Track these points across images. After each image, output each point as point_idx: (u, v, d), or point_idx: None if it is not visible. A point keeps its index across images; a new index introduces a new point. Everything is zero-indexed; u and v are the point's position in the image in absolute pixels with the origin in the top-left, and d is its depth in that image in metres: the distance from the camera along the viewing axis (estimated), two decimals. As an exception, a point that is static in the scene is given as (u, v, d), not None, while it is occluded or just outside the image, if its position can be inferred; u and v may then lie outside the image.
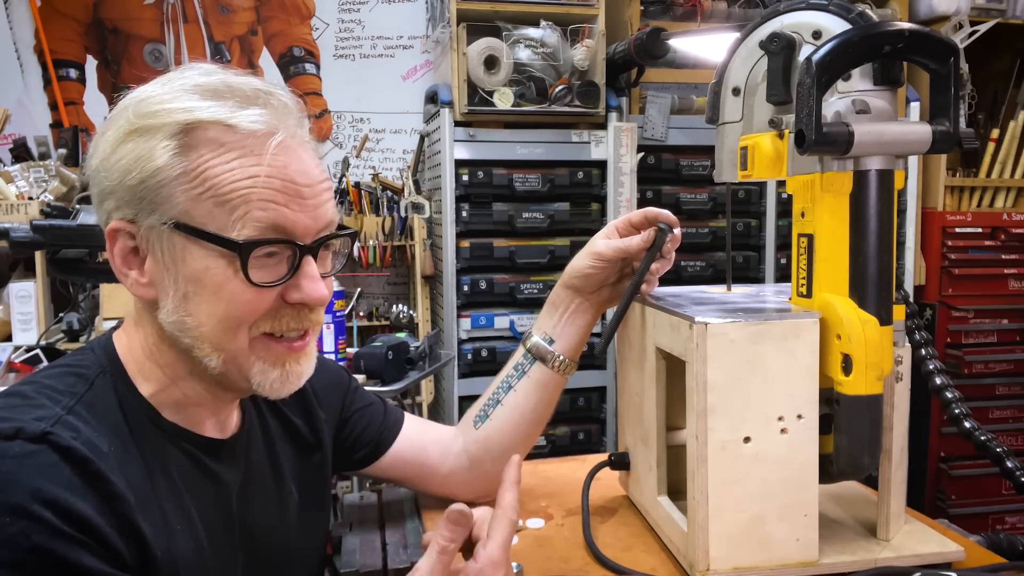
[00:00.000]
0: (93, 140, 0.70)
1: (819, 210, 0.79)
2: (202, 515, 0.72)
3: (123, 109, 0.68)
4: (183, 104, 0.66)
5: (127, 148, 0.66)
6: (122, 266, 0.69)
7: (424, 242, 2.60)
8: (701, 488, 0.79)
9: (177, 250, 0.66)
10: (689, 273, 2.56)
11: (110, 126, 0.68)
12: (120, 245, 0.68)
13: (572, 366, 1.01)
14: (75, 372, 0.69)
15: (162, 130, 0.65)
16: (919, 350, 1.07)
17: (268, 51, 2.97)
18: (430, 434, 1.04)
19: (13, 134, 2.63)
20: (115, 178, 0.66)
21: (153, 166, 0.65)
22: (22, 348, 2.14)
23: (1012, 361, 2.72)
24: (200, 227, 0.65)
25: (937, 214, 2.73)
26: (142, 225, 0.66)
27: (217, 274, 0.66)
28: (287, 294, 0.69)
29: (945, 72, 0.77)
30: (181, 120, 0.65)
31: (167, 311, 0.67)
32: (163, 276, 0.67)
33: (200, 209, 0.65)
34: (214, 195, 0.64)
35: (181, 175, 0.65)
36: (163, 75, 0.70)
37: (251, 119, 0.66)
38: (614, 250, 0.97)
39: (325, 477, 0.93)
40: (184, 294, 0.67)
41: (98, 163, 0.68)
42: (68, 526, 0.57)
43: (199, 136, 0.65)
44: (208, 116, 0.65)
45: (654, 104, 2.52)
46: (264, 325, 0.69)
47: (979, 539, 0.96)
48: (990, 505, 2.75)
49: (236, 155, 0.65)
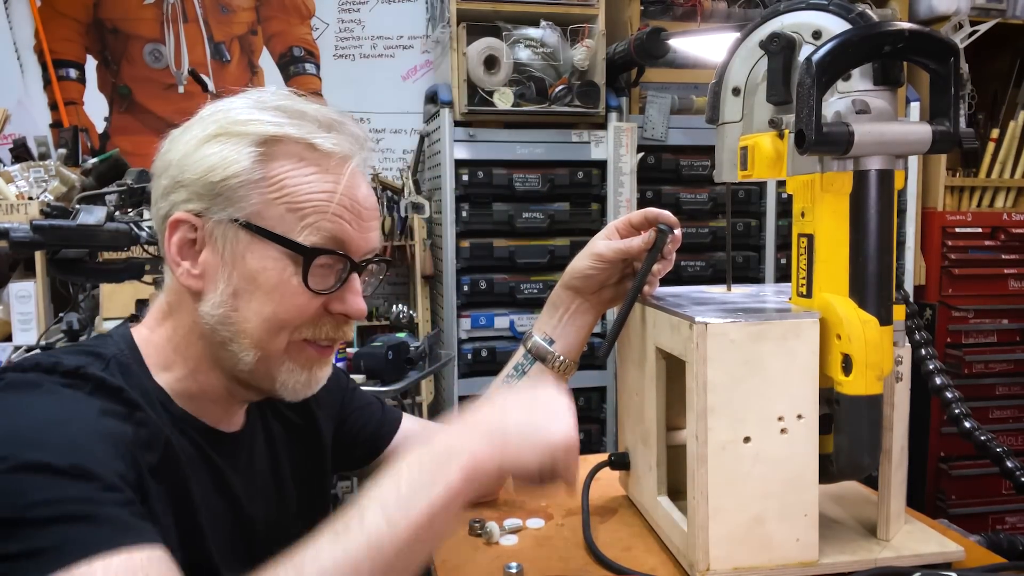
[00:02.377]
0: (171, 136, 0.74)
1: (819, 210, 0.79)
2: (204, 501, 0.73)
3: (211, 114, 0.74)
4: (271, 119, 0.72)
5: (214, 148, 0.71)
6: (177, 255, 0.72)
7: (424, 242, 2.60)
8: (701, 488, 0.79)
9: (240, 247, 0.70)
10: (689, 273, 2.56)
11: (194, 126, 0.73)
12: (180, 235, 0.72)
13: (572, 367, 1.01)
14: (92, 351, 0.71)
15: (249, 137, 0.71)
16: (919, 350, 1.07)
17: (268, 51, 2.97)
18: (428, 433, 1.05)
19: (13, 134, 2.63)
20: (196, 173, 0.71)
21: (237, 167, 0.70)
22: (22, 348, 2.14)
23: (1012, 361, 2.73)
24: (269, 228, 0.70)
25: (937, 214, 2.73)
26: (210, 219, 0.71)
27: (273, 275, 0.71)
28: (331, 304, 0.74)
29: (945, 72, 0.76)
30: (268, 132, 0.71)
31: (213, 303, 0.71)
32: (217, 270, 0.71)
33: (272, 212, 0.70)
34: (288, 202, 0.70)
35: (260, 179, 0.70)
36: (247, 90, 0.77)
37: (332, 142, 0.73)
38: (615, 251, 0.97)
39: (324, 476, 0.94)
40: (235, 290, 0.71)
41: (180, 157, 0.72)
42: (104, 430, 0.62)
43: (281, 149, 0.71)
44: (294, 133, 0.72)
45: (654, 104, 2.52)
46: (305, 331, 0.74)
47: (979, 539, 0.96)
48: (990, 505, 2.75)
49: (314, 171, 0.72)
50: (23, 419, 0.61)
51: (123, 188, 1.58)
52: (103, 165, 2.43)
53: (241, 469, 0.80)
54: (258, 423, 0.86)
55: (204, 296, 0.72)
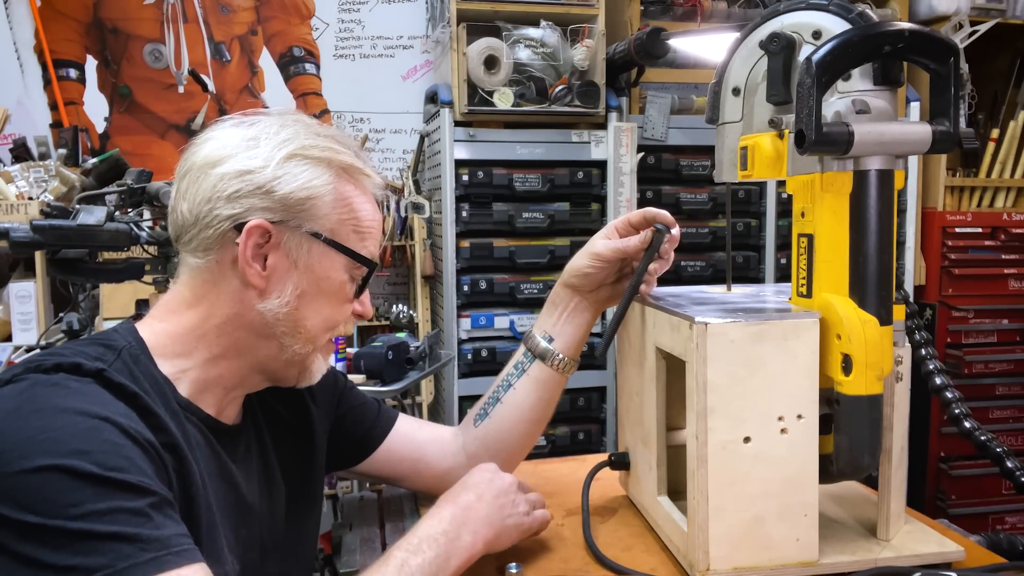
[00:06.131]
0: (235, 141, 0.79)
1: (819, 210, 0.80)
2: (211, 487, 0.76)
3: (275, 131, 0.80)
4: (337, 147, 0.82)
5: (299, 167, 0.78)
6: (251, 257, 0.78)
7: (424, 242, 2.60)
8: (701, 488, 0.79)
9: (312, 256, 0.80)
10: (689, 273, 2.56)
11: (264, 140, 0.79)
12: (255, 240, 0.77)
13: (572, 365, 1.02)
14: (104, 343, 0.75)
15: (332, 163, 0.80)
16: (919, 350, 1.07)
17: (268, 51, 2.97)
18: (425, 432, 1.06)
19: (13, 134, 2.62)
20: (286, 187, 0.78)
21: (322, 190, 0.79)
22: (22, 348, 2.14)
23: (1012, 361, 2.72)
24: (342, 243, 0.81)
25: (937, 214, 2.73)
26: (287, 228, 0.78)
27: (334, 283, 0.81)
28: (354, 307, 0.86)
29: (945, 72, 0.76)
30: (346, 162, 0.81)
31: (279, 302, 0.79)
32: (285, 273, 0.79)
33: (342, 230, 0.81)
34: (355, 224, 0.82)
35: (335, 200, 0.80)
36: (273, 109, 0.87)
37: (370, 170, 0.85)
38: (613, 250, 0.97)
39: (316, 472, 0.95)
40: (301, 292, 0.80)
41: (259, 165, 0.77)
42: (134, 432, 0.66)
43: (352, 177, 0.82)
44: (359, 164, 0.83)
45: (654, 104, 2.52)
46: (341, 328, 0.85)
47: (979, 539, 0.96)
48: (990, 505, 2.74)
49: (367, 200, 0.84)
50: (59, 420, 0.63)
51: (123, 188, 1.58)
52: (103, 165, 2.43)
53: (239, 460, 0.83)
54: (252, 419, 0.88)
55: (268, 294, 0.78)
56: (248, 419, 0.87)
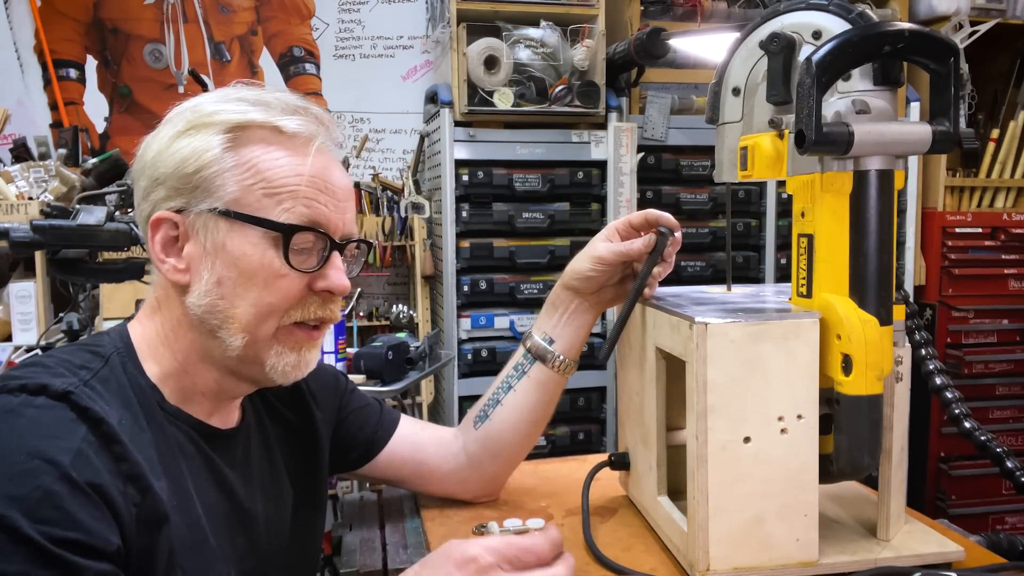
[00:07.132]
0: (145, 140, 0.76)
1: (819, 210, 0.79)
2: (200, 496, 0.74)
3: (180, 112, 0.76)
4: (235, 107, 0.74)
5: (184, 142, 0.72)
6: (161, 252, 0.74)
7: (424, 242, 2.60)
8: (701, 488, 0.79)
9: (221, 235, 0.72)
10: (689, 273, 2.56)
11: (164, 127, 0.75)
12: (162, 233, 0.73)
13: (572, 366, 1.01)
14: (91, 350, 0.73)
15: (217, 126, 0.73)
16: (919, 350, 1.07)
17: (268, 51, 2.97)
18: (426, 433, 1.05)
19: (13, 134, 2.62)
20: (170, 167, 0.72)
21: (209, 157, 0.72)
22: (22, 348, 2.14)
23: (1012, 361, 2.72)
24: (248, 213, 0.72)
25: (937, 214, 2.73)
26: (190, 213, 0.73)
27: (255, 259, 0.72)
28: (314, 283, 0.76)
29: (945, 72, 0.76)
30: (234, 120, 0.73)
31: (199, 294, 0.73)
32: (201, 261, 0.73)
33: (249, 198, 0.72)
34: (264, 187, 0.72)
35: (234, 167, 0.72)
36: (215, 90, 0.79)
37: (296, 123, 0.75)
38: (615, 254, 0.96)
39: (322, 475, 0.94)
40: (219, 278, 0.73)
41: (153, 156, 0.74)
42: (77, 475, 0.60)
43: (249, 135, 0.73)
44: (258, 118, 0.73)
45: (654, 104, 2.52)
46: (295, 314, 0.75)
47: (979, 539, 0.96)
48: (990, 505, 2.75)
49: (283, 154, 0.73)
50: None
51: (123, 188, 1.58)
52: (103, 165, 2.43)
53: (237, 465, 0.81)
54: (254, 422, 0.87)
55: (191, 288, 0.73)
56: (248, 421, 0.85)
